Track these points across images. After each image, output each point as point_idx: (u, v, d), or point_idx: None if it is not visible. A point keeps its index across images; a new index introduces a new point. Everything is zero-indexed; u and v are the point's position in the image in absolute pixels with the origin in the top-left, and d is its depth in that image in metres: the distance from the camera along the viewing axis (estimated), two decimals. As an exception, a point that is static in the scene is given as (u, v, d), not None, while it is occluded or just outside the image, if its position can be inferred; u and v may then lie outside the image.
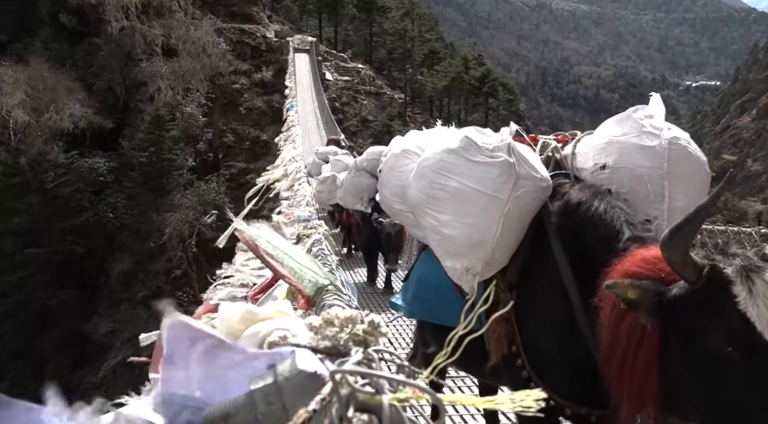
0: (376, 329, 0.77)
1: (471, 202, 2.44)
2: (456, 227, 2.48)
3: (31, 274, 27.19)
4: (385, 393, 0.66)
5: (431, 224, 2.60)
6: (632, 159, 2.52)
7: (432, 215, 2.59)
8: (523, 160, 2.47)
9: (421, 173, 2.66)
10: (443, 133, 3.09)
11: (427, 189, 2.60)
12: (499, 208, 2.40)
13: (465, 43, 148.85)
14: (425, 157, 2.70)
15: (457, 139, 2.58)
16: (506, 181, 2.40)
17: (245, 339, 0.98)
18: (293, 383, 0.75)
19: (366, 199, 8.61)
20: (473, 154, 2.49)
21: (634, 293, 1.80)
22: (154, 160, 29.72)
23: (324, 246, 3.16)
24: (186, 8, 38.07)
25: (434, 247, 2.70)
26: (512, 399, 0.62)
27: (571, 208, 2.40)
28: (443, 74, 51.46)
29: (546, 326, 2.42)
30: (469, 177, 2.46)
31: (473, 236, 2.44)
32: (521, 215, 2.47)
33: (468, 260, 2.48)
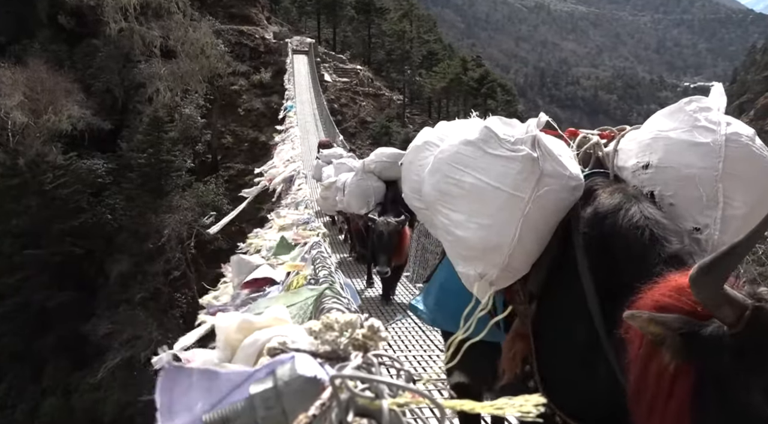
0: (375, 334, 0.77)
1: (488, 201, 2.20)
2: (470, 227, 2.24)
3: (30, 275, 27.13)
4: (384, 398, 0.66)
5: (443, 224, 2.38)
6: (680, 157, 2.20)
7: (445, 213, 2.36)
8: (549, 155, 2.20)
9: (436, 167, 2.43)
10: (470, 124, 2.76)
11: (440, 184, 2.37)
12: (518, 208, 2.15)
13: (463, 44, 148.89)
14: (441, 150, 2.48)
15: (476, 130, 2.33)
16: (528, 178, 2.15)
17: (244, 348, 0.97)
18: (293, 388, 0.75)
19: (373, 203, 7.96)
20: (493, 146, 2.24)
21: (657, 328, 1.56)
22: (153, 162, 29.66)
23: (323, 248, 3.06)
24: (184, 10, 38.03)
25: (447, 249, 2.49)
26: (512, 404, 0.62)
27: (600, 215, 2.12)
28: (442, 75, 51.45)
29: (567, 348, 2.16)
30: (487, 172, 2.22)
31: (489, 239, 2.20)
32: (545, 218, 2.21)
33: (482, 266, 2.24)
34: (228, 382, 0.80)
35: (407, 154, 3.06)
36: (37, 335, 26.68)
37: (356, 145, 33.61)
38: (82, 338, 26.93)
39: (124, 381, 25.07)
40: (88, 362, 26.21)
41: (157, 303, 27.72)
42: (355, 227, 9.62)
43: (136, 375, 24.79)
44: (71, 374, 26.42)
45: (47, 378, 26.65)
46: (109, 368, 25.14)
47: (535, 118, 2.33)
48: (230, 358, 1.02)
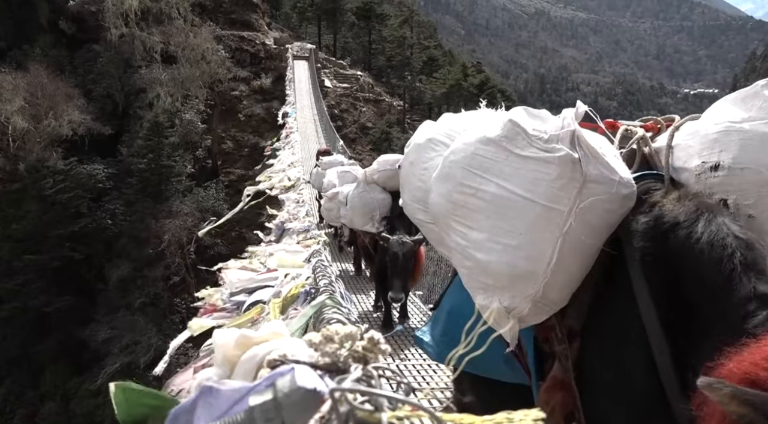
0: (375, 346, 0.77)
1: (516, 216, 1.76)
2: (494, 250, 1.79)
3: (29, 280, 27.12)
4: (384, 411, 0.66)
5: (458, 245, 1.92)
6: (762, 156, 1.67)
7: (460, 231, 1.90)
8: (594, 155, 1.75)
9: (447, 172, 1.97)
10: (486, 116, 2.33)
11: (453, 195, 1.91)
12: (556, 224, 1.71)
13: (463, 50, 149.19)
14: (453, 150, 1.99)
15: (498, 125, 1.86)
16: (567, 185, 1.71)
17: (243, 364, 0.97)
18: (292, 400, 0.74)
19: (378, 218, 6.98)
20: (521, 145, 1.79)
21: (743, 409, 1.16)
22: (153, 167, 29.69)
23: (323, 257, 2.93)
24: (185, 15, 38.13)
25: (463, 276, 1.98)
26: (511, 418, 0.62)
27: (662, 228, 1.65)
28: (442, 81, 51.52)
29: (623, 402, 1.68)
30: (514, 179, 1.77)
31: (518, 264, 1.75)
32: (589, 236, 1.75)
33: (509, 297, 1.80)
34: (229, 399, 0.80)
35: (407, 155, 2.54)
36: (36, 340, 26.66)
37: (356, 151, 33.67)
38: (81, 343, 26.90)
39: (123, 387, 24.98)
40: (88, 367, 26.17)
41: (156, 308, 27.68)
42: (361, 242, 8.59)
43: (136, 380, 24.68)
44: (70, 379, 26.37)
45: (46, 383, 26.61)
46: (109, 373, 25.05)
47: (571, 109, 1.85)
48: (229, 374, 1.01)
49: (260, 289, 2.79)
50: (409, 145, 2.58)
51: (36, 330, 26.78)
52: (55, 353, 26.80)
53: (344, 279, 9.12)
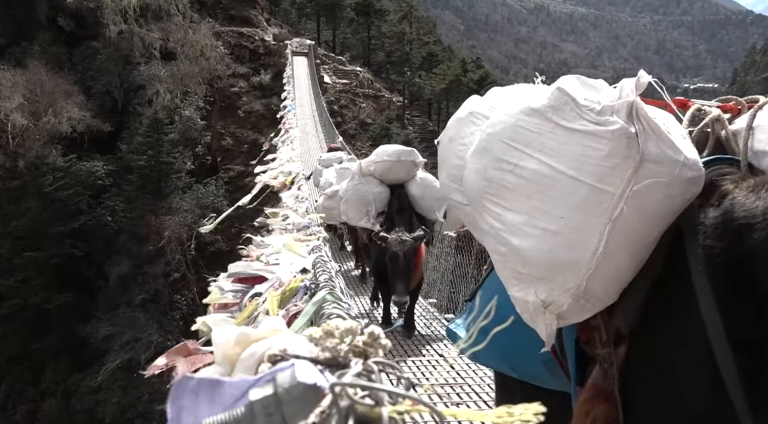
0: (376, 341, 0.77)
1: (559, 196, 1.55)
2: (531, 234, 1.58)
3: (29, 277, 27.18)
4: (384, 405, 0.66)
5: (492, 228, 1.70)
6: None
7: (494, 212, 1.69)
8: (656, 131, 1.51)
9: (484, 146, 1.74)
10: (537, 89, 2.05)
11: (489, 171, 1.69)
12: (605, 208, 1.49)
13: (463, 45, 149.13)
14: (492, 122, 1.75)
15: (545, 94, 1.64)
16: (621, 164, 1.48)
17: (243, 361, 0.97)
18: (293, 395, 0.75)
19: (374, 212, 6.39)
20: (569, 117, 1.57)
21: None
22: (153, 164, 29.72)
23: (323, 253, 2.91)
24: (184, 12, 38.10)
25: (496, 263, 1.76)
26: (512, 412, 0.62)
27: (735, 222, 1.38)
28: (441, 77, 51.51)
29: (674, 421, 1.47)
30: (559, 155, 1.56)
31: (557, 253, 1.54)
32: (644, 224, 1.51)
33: (547, 290, 1.59)
34: (231, 391, 0.80)
35: (446, 130, 2.29)
36: (36, 337, 26.74)
37: (356, 147, 33.64)
38: (81, 340, 26.96)
39: (124, 383, 25.09)
40: (88, 364, 26.24)
41: (157, 305, 27.74)
42: (362, 241, 8.06)
43: (136, 377, 24.80)
44: (71, 376, 26.45)
45: (47, 380, 26.68)
46: (109, 370, 25.15)
47: (630, 79, 1.61)
48: (230, 372, 1.01)
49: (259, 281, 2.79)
50: (451, 121, 2.33)
51: (36, 327, 26.85)
52: (56, 350, 26.86)
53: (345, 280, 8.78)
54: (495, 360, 2.26)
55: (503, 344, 1.86)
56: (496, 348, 1.90)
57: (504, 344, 1.87)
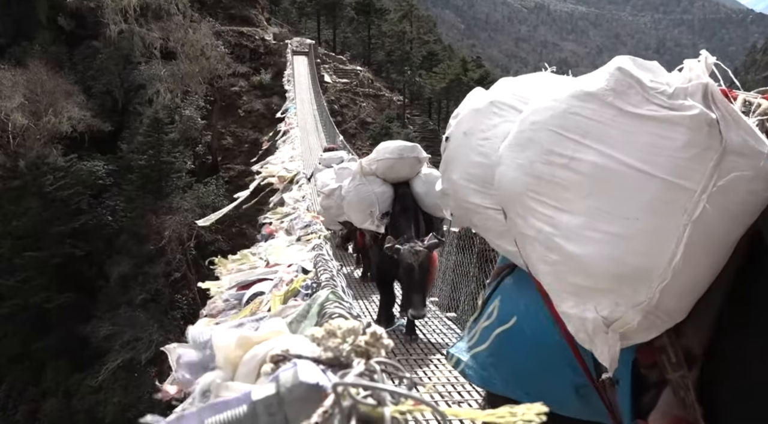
0: (378, 341, 0.77)
1: (626, 195, 1.33)
2: (592, 240, 1.36)
3: (30, 277, 27.18)
4: (386, 405, 0.66)
5: (540, 232, 1.48)
6: None
7: (543, 214, 1.46)
8: (734, 118, 1.31)
9: (528, 137, 1.52)
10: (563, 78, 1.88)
11: (537, 166, 1.47)
12: (682, 207, 1.28)
13: (463, 44, 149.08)
14: (536, 109, 1.54)
15: (601, 76, 1.44)
16: (701, 155, 1.28)
17: (245, 364, 0.97)
18: (295, 395, 0.75)
19: (377, 214, 6.07)
20: (634, 101, 1.36)
21: None
22: (153, 163, 29.72)
23: (324, 251, 2.87)
24: (184, 11, 38.09)
25: (543, 274, 1.53)
26: (513, 412, 0.62)
27: None
28: (442, 76, 51.48)
29: None
30: (625, 145, 1.35)
31: (626, 260, 1.32)
32: (726, 224, 1.30)
33: (610, 305, 1.35)
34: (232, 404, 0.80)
35: (458, 124, 2.04)
36: (37, 337, 26.75)
37: (356, 147, 33.63)
38: (82, 340, 26.97)
39: (124, 383, 25.10)
40: (89, 363, 26.25)
41: (157, 304, 27.74)
42: (361, 243, 7.70)
43: (137, 377, 24.81)
44: (72, 375, 26.45)
45: (48, 380, 26.69)
46: (110, 369, 25.16)
47: (693, 60, 1.43)
48: (232, 376, 1.01)
49: (260, 282, 2.79)
50: (458, 113, 2.09)
51: (37, 327, 26.86)
52: (57, 350, 26.87)
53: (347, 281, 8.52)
54: (504, 382, 1.92)
55: (518, 362, 1.73)
56: (508, 367, 1.80)
57: (519, 363, 1.68)
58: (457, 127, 2.04)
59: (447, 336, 6.48)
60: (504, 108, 1.89)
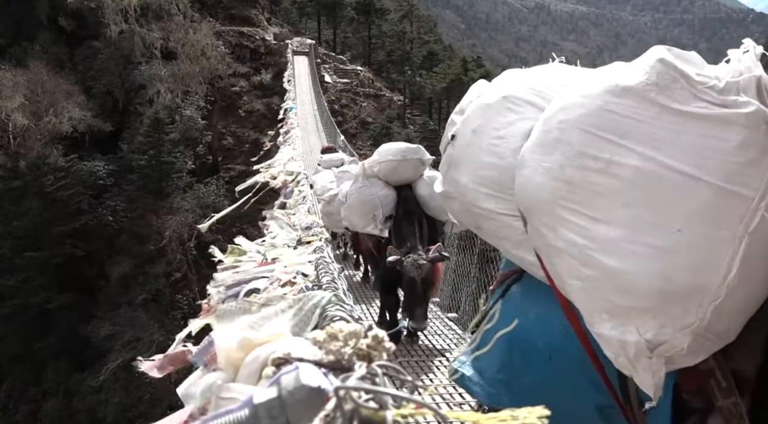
0: (380, 344, 0.77)
1: (672, 202, 1.19)
2: (634, 253, 1.21)
3: (30, 277, 27.19)
4: (388, 409, 0.67)
5: (574, 245, 1.31)
6: None
7: (576, 225, 1.30)
8: None
9: (556, 137, 1.35)
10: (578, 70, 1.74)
11: (568, 171, 1.31)
12: (737, 216, 1.14)
13: (464, 44, 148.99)
14: (564, 106, 1.37)
15: (640, 69, 1.31)
16: (759, 158, 1.14)
17: (246, 366, 0.97)
18: (297, 398, 0.75)
19: (381, 218, 5.87)
20: (680, 97, 1.22)
21: None
22: (154, 163, 29.75)
23: (326, 254, 2.86)
24: (185, 11, 38.09)
25: (575, 291, 1.36)
26: (515, 415, 0.62)
27: None
28: (442, 76, 51.47)
29: None
30: (670, 147, 1.20)
31: (674, 277, 1.18)
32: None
33: (656, 327, 1.20)
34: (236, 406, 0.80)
35: (466, 121, 1.81)
36: (38, 337, 26.76)
37: (357, 147, 33.63)
38: (83, 340, 26.99)
39: (125, 383, 25.10)
40: (90, 363, 26.27)
41: (158, 305, 27.75)
42: (363, 247, 7.55)
43: (138, 377, 24.80)
44: (72, 375, 26.47)
45: (48, 380, 26.70)
46: (111, 369, 25.17)
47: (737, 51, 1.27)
48: (233, 377, 1.01)
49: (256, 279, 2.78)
50: (465, 110, 1.84)
51: (38, 327, 26.87)
52: (57, 350, 26.88)
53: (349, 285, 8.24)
54: (514, 400, 1.65)
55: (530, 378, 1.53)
56: (519, 383, 1.60)
57: (531, 380, 1.52)
58: (465, 124, 1.80)
59: (448, 338, 6.46)
60: (520, 104, 1.67)
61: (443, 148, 1.98)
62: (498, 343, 1.78)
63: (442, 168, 1.99)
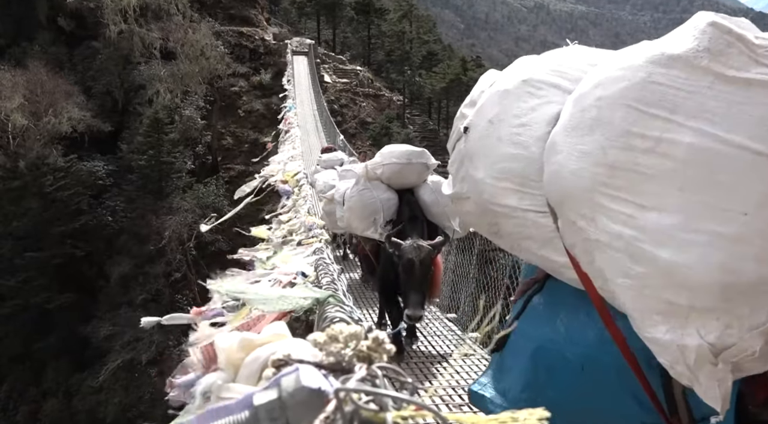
0: (380, 346, 0.78)
1: (737, 183, 1.03)
2: (693, 243, 1.06)
3: (30, 278, 27.18)
4: (389, 411, 0.67)
5: (620, 238, 1.15)
6: None
7: (621, 214, 1.14)
8: None
9: (594, 117, 1.18)
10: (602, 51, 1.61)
11: (611, 153, 1.15)
12: None
13: (463, 44, 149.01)
14: (600, 82, 1.21)
15: (687, 35, 1.15)
16: None
17: (246, 366, 0.97)
18: (297, 400, 0.75)
19: (381, 221, 5.64)
20: (738, 63, 1.07)
21: None
22: (153, 164, 29.74)
23: (325, 255, 2.84)
24: (184, 11, 38.08)
25: (623, 291, 1.19)
26: (515, 418, 0.62)
27: None
28: (442, 76, 51.46)
29: None
30: (730, 120, 1.05)
31: (741, 268, 1.03)
32: None
33: (719, 328, 1.05)
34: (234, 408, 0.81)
35: (482, 109, 1.61)
36: (38, 337, 26.75)
37: (356, 147, 33.63)
38: (83, 340, 26.99)
39: (125, 383, 25.11)
40: (90, 363, 26.27)
41: (158, 305, 27.72)
42: (361, 250, 7.21)
43: (138, 377, 24.83)
44: (72, 376, 26.47)
45: (48, 380, 26.69)
46: (111, 369, 25.17)
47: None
48: (233, 377, 1.01)
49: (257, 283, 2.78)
50: (477, 100, 1.65)
51: (38, 327, 26.86)
52: (57, 350, 26.88)
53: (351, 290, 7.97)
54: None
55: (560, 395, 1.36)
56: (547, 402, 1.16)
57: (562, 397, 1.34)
58: (480, 114, 1.60)
59: (448, 338, 6.46)
60: (543, 87, 1.48)
61: (452, 145, 1.79)
62: (520, 360, 1.61)
63: (452, 166, 1.79)
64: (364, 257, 7.19)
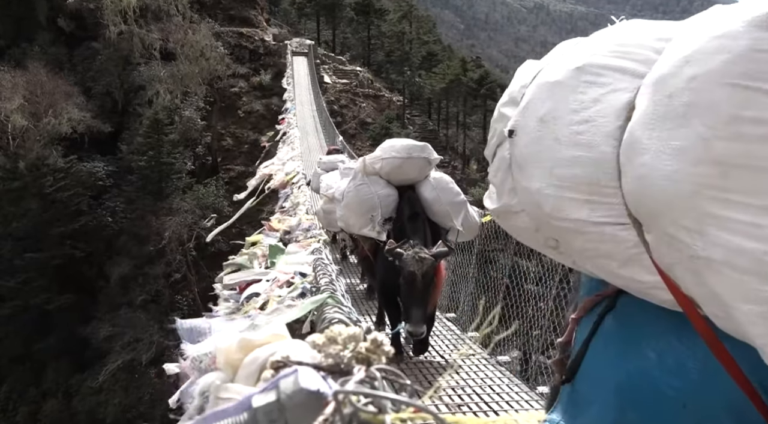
0: (379, 347, 0.77)
1: None
2: None
3: (30, 278, 27.18)
4: (388, 413, 0.66)
5: (741, 254, 0.83)
6: None
7: (740, 222, 0.83)
8: None
9: (688, 102, 0.89)
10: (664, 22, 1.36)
11: (716, 145, 0.85)
12: None
13: (463, 45, 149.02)
14: (688, 57, 0.91)
15: None
16: None
17: (245, 367, 0.97)
18: (295, 402, 0.75)
19: (379, 219, 5.30)
20: None
21: None
22: (153, 164, 29.74)
23: (324, 255, 2.83)
24: (184, 12, 38.08)
25: (751, 319, 0.84)
26: (515, 420, 0.62)
27: None
28: (441, 76, 51.45)
29: None
30: None
31: None
32: None
33: None
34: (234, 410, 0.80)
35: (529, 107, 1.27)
36: (38, 338, 26.76)
37: (356, 147, 33.63)
38: (83, 341, 26.99)
39: (125, 384, 25.12)
40: (89, 364, 26.27)
41: (158, 305, 27.75)
42: (361, 251, 6.73)
43: (138, 378, 24.83)
44: (72, 376, 26.47)
45: (48, 381, 26.70)
46: (110, 370, 25.18)
47: None
48: (232, 377, 1.01)
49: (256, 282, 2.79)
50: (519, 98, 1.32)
51: (37, 328, 26.87)
52: (57, 351, 26.88)
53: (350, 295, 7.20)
54: None
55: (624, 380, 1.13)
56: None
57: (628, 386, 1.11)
58: (527, 114, 1.27)
59: (447, 338, 6.45)
60: (604, 72, 1.15)
61: (492, 152, 1.45)
62: (602, 394, 1.25)
63: (494, 176, 1.45)
64: (365, 260, 6.84)
